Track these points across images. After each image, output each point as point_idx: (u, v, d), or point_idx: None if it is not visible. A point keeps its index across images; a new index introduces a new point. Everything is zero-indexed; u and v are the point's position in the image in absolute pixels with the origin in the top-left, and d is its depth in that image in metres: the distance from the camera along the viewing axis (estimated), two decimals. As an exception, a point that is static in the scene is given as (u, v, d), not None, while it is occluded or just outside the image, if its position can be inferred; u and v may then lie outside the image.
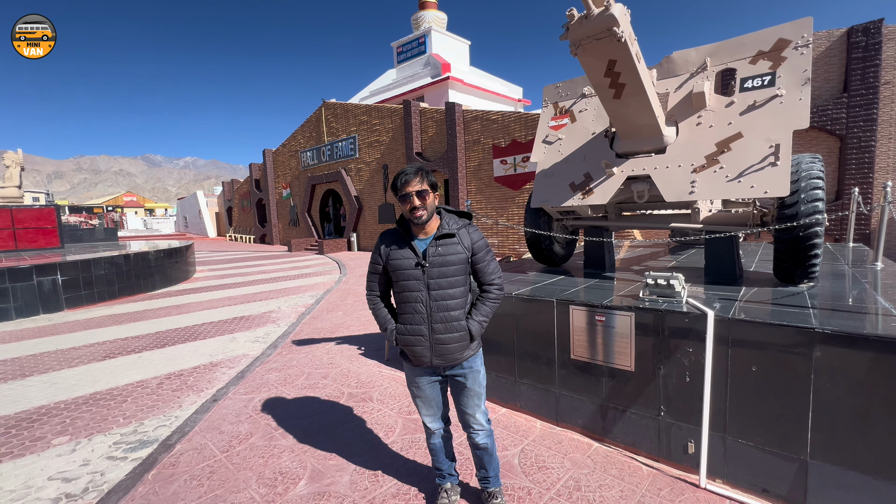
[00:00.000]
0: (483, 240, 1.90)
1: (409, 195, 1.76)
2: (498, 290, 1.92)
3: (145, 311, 7.09)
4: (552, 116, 3.90)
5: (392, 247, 1.87)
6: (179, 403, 3.50)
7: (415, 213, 1.78)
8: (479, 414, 2.01)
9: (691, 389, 2.33)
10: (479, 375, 1.99)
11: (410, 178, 1.77)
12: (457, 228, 1.86)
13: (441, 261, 1.81)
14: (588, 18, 2.25)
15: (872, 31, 9.00)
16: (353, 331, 5.58)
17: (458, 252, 1.83)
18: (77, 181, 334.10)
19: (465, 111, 14.07)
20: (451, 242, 1.83)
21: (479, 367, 1.99)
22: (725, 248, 3.22)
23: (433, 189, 1.83)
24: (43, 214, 11.27)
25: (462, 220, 1.92)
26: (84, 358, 4.72)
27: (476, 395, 1.99)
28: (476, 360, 1.98)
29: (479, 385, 1.99)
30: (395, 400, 3.43)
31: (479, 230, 1.91)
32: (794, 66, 2.78)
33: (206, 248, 22.31)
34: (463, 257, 1.84)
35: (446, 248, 1.82)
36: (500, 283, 1.92)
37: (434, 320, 1.84)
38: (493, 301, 1.91)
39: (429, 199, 1.80)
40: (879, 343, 1.82)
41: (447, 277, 1.82)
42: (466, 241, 1.85)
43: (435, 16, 26.46)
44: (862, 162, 9.30)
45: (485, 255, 1.88)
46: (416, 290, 1.84)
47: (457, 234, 1.84)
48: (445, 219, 1.88)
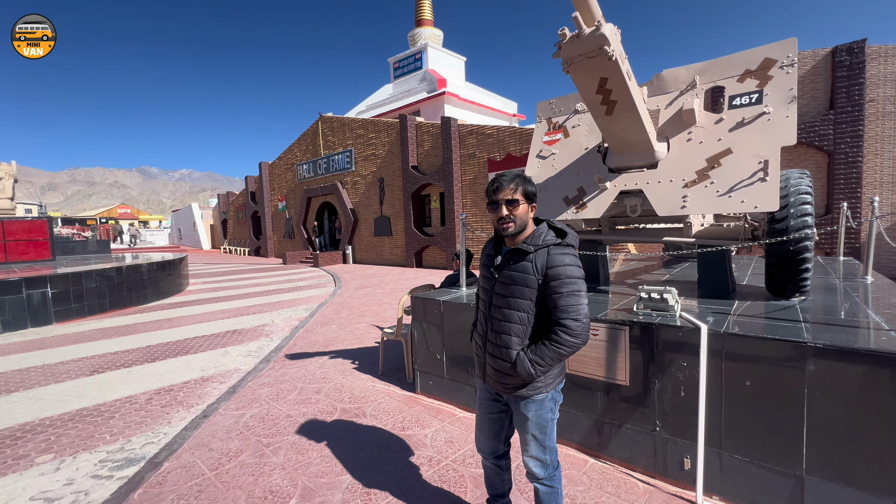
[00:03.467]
0: (567, 268, 1.56)
1: (498, 203, 1.60)
2: (566, 334, 1.53)
3: (136, 325, 6.99)
4: (546, 132, 3.96)
5: (487, 248, 1.81)
6: (168, 419, 3.43)
7: (503, 224, 1.60)
8: (531, 463, 1.74)
9: (686, 404, 2.32)
10: (528, 423, 1.70)
11: (504, 184, 1.59)
12: (536, 247, 1.60)
13: (507, 277, 1.64)
14: (580, 37, 2.30)
15: (856, 50, 9.28)
16: (348, 344, 5.53)
17: (526, 272, 1.59)
18: (71, 193, 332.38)
19: (461, 125, 14.24)
20: (524, 261, 1.61)
21: (530, 412, 1.69)
22: (718, 261, 3.25)
23: (528, 199, 1.62)
24: (35, 226, 11.17)
25: (555, 238, 1.62)
26: (72, 373, 4.63)
27: (527, 442, 1.73)
28: (529, 405, 1.68)
29: (527, 431, 1.72)
30: (389, 416, 3.39)
31: (570, 255, 1.59)
32: (781, 84, 2.85)
33: (200, 261, 22.16)
34: (531, 280, 1.59)
35: (517, 265, 1.62)
36: (574, 326, 1.53)
37: (489, 337, 1.72)
38: (556, 346, 1.55)
39: (519, 210, 1.60)
40: (871, 357, 1.82)
41: (509, 297, 1.64)
42: (541, 263, 1.58)
43: (431, 33, 26.95)
44: (850, 177, 9.48)
45: (560, 285, 1.54)
46: (484, 297, 1.77)
47: (534, 253, 1.60)
48: (537, 233, 1.64)
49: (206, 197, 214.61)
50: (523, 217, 1.62)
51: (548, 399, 1.70)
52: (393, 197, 16.72)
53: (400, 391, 3.89)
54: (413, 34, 27.21)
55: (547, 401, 1.70)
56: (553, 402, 1.73)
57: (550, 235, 1.63)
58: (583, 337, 1.56)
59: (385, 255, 17.42)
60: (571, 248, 1.62)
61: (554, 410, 1.74)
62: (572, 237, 1.65)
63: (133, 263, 9.09)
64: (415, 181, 15.43)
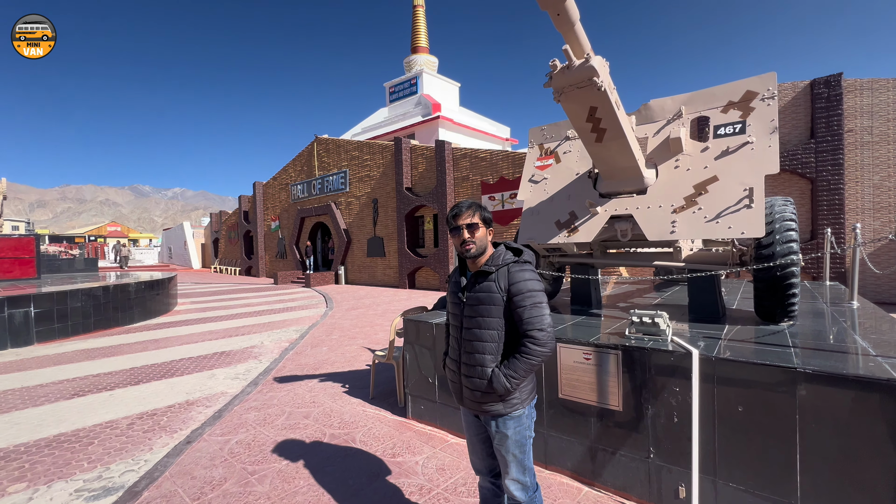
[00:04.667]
0: (527, 282, 1.66)
1: (459, 228, 1.74)
2: (534, 344, 1.62)
3: (120, 346, 6.82)
4: (538, 157, 4.04)
5: (453, 275, 1.91)
6: (150, 446, 3.31)
7: (465, 247, 1.73)
8: (512, 486, 1.76)
9: (680, 430, 2.30)
10: (508, 441, 1.72)
11: (462, 210, 1.74)
12: (497, 267, 1.71)
13: (475, 299, 1.73)
14: (570, 69, 2.39)
15: (833, 83, 9.70)
16: (338, 367, 5.43)
17: (492, 291, 1.69)
18: (60, 210, 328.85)
19: (455, 149, 14.48)
20: (488, 280, 1.71)
21: (509, 430, 1.72)
22: (707, 286, 3.29)
23: (486, 224, 1.76)
24: (21, 244, 11.00)
25: (513, 258, 1.74)
26: (51, 396, 4.48)
27: (508, 464, 1.75)
28: (507, 422, 1.72)
29: (508, 451, 1.74)
30: (380, 441, 3.31)
31: (528, 271, 1.70)
32: (762, 115, 2.96)
33: (190, 280, 21.85)
34: (496, 298, 1.68)
35: (482, 286, 1.72)
36: (540, 336, 1.62)
37: (463, 359, 1.78)
38: (527, 357, 1.62)
39: (479, 233, 1.73)
40: (859, 383, 1.84)
41: (478, 317, 1.72)
42: (504, 281, 1.68)
43: (427, 60, 27.70)
44: (833, 203, 9.74)
45: (524, 299, 1.64)
46: (454, 322, 1.85)
47: (496, 272, 1.71)
48: (496, 254, 1.76)
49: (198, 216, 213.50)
50: (482, 239, 1.75)
51: (525, 415, 1.75)
52: (387, 218, 16.79)
53: (391, 416, 3.81)
54: (409, 60, 27.94)
55: (524, 417, 1.75)
56: (529, 420, 1.78)
57: (509, 255, 1.75)
58: (549, 345, 1.65)
59: (378, 276, 17.34)
60: (529, 264, 1.74)
61: (531, 427, 1.79)
62: (528, 255, 1.77)
63: (120, 283, 8.95)
64: (409, 202, 15.54)
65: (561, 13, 2.09)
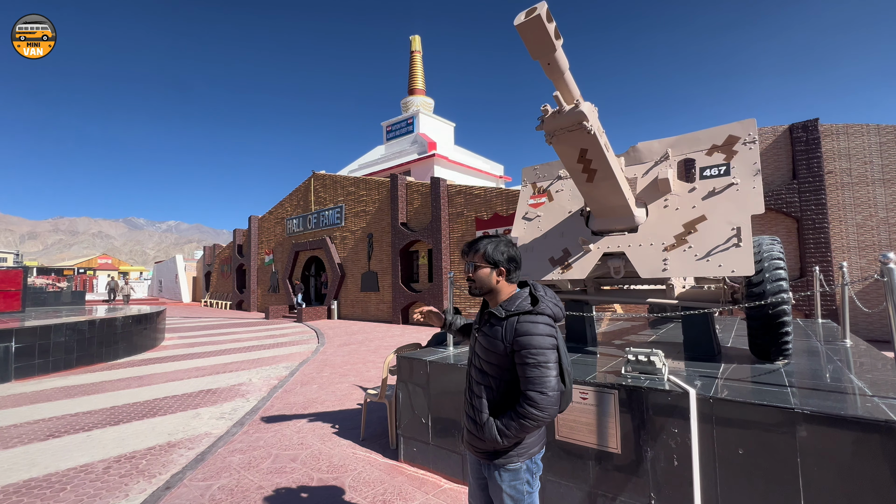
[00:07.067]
0: (534, 338, 1.50)
1: (466, 266, 1.72)
2: (530, 406, 1.46)
3: (102, 383, 6.57)
4: (531, 195, 4.14)
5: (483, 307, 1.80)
6: (126, 492, 3.13)
7: (469, 284, 1.73)
8: None
9: (681, 474, 2.23)
10: (502, 494, 1.58)
11: (469, 248, 1.71)
12: (506, 314, 1.58)
13: (484, 339, 1.64)
14: (560, 113, 2.50)
15: (810, 128, 10.19)
16: (328, 406, 5.26)
17: (496, 337, 1.58)
18: (51, 242, 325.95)
19: (450, 185, 14.78)
20: (496, 325, 1.60)
21: (504, 483, 1.58)
22: (702, 324, 3.30)
23: (492, 265, 1.65)
24: (8, 276, 10.81)
25: (528, 306, 1.58)
26: (24, 437, 4.26)
27: None
28: (503, 473, 1.58)
29: None
30: (370, 487, 3.16)
31: (541, 324, 1.53)
32: (745, 159, 3.09)
33: (179, 314, 21.42)
34: (499, 346, 1.56)
35: (491, 330, 1.62)
36: (538, 399, 1.45)
37: (467, 397, 1.71)
38: (520, 418, 1.48)
39: (479, 274, 1.67)
40: (858, 424, 1.82)
41: (483, 359, 1.64)
42: (509, 333, 1.54)
43: (423, 101, 28.80)
44: (819, 242, 9.96)
45: (526, 356, 1.49)
46: (469, 354, 1.77)
47: (504, 321, 1.58)
48: (514, 298, 1.62)
49: (191, 249, 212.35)
50: (483, 280, 1.66)
51: (523, 470, 1.59)
52: (381, 252, 16.83)
53: (382, 459, 3.66)
54: (406, 101, 29.02)
55: (522, 471, 1.59)
56: (530, 474, 1.61)
57: (526, 303, 1.59)
58: (548, 411, 1.47)
59: (371, 311, 17.14)
60: (543, 316, 1.56)
61: (532, 482, 1.62)
62: (546, 305, 1.59)
63: (106, 317, 8.75)
64: (403, 237, 15.64)
65: (551, 63, 2.22)
